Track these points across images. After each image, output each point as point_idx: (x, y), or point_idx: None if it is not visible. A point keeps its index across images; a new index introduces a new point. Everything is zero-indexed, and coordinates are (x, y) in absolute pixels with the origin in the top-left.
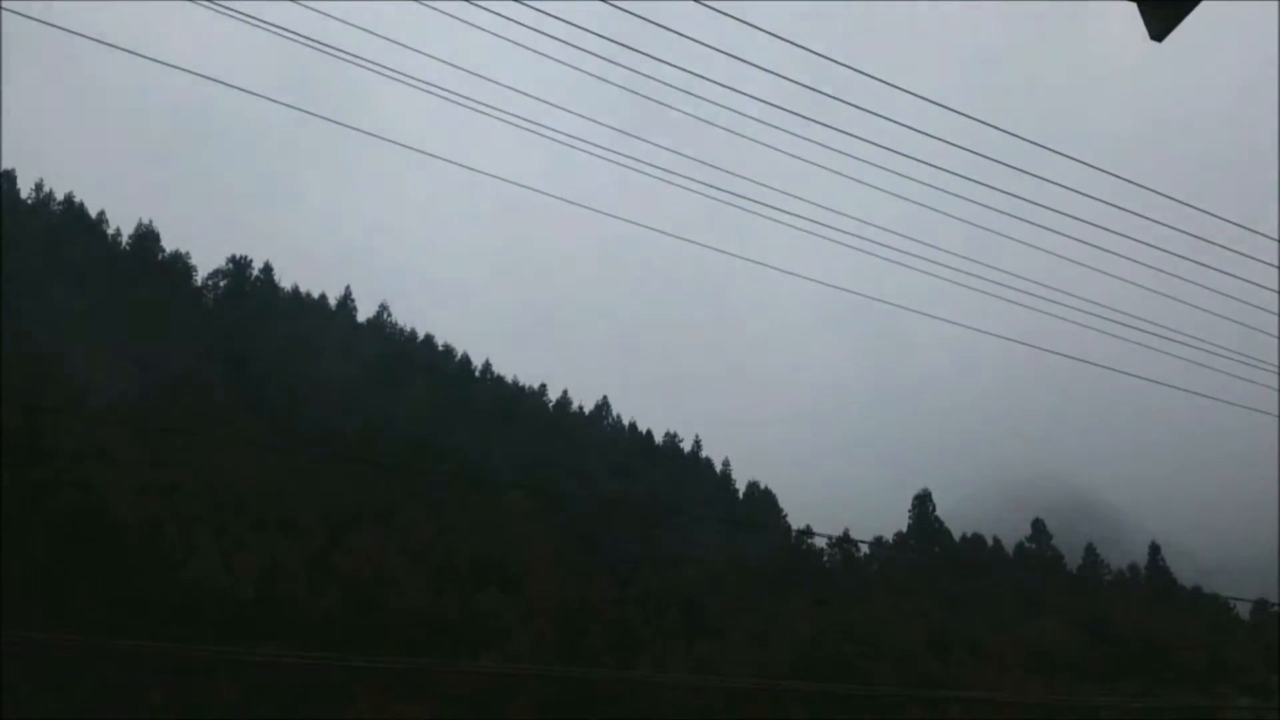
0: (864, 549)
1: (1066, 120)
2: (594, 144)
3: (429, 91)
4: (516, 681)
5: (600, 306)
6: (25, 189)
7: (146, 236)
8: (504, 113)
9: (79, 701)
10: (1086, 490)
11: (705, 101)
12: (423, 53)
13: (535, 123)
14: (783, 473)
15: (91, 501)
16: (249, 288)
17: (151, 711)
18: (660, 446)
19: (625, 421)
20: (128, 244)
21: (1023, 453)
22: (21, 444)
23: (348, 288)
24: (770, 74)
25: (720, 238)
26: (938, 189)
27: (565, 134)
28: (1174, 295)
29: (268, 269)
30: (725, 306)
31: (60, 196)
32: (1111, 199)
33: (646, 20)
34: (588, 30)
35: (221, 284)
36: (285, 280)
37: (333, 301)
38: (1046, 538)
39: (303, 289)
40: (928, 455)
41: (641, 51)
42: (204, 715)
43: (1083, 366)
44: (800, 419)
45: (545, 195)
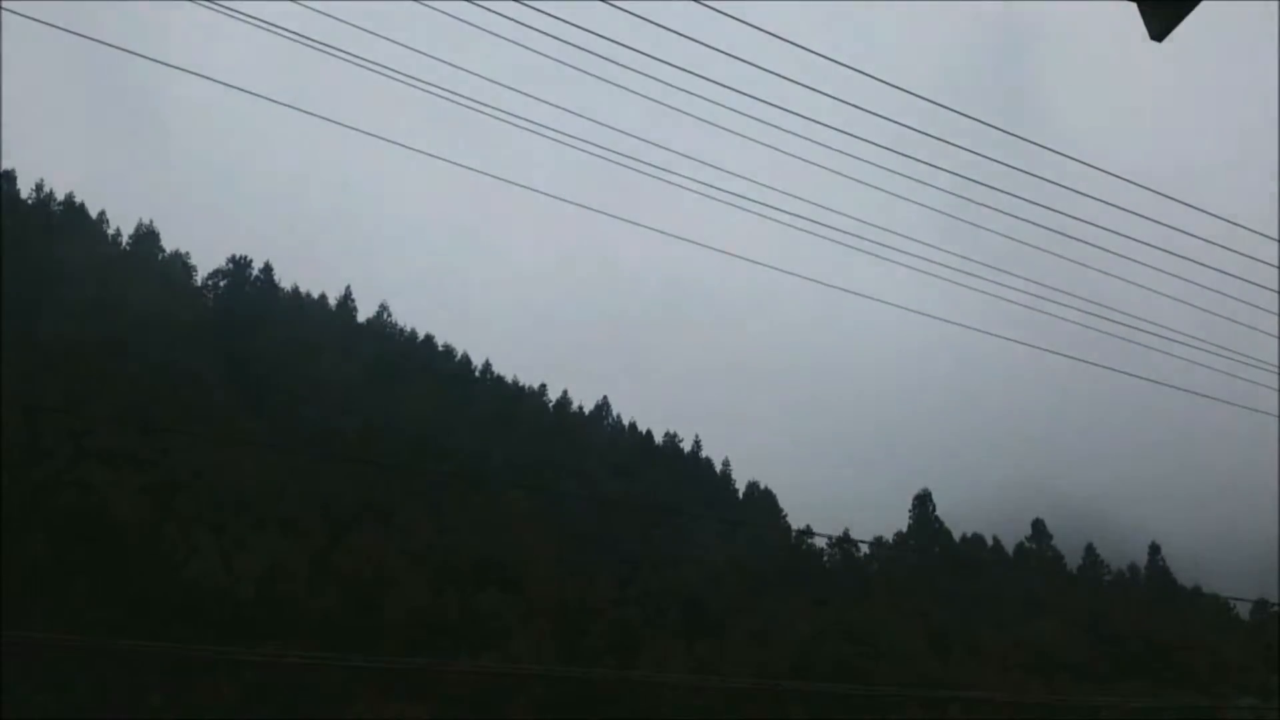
0: (864, 549)
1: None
2: (593, 144)
3: (428, 91)
4: (516, 681)
5: (599, 306)
6: (25, 189)
7: (146, 236)
8: (503, 112)
9: (79, 701)
10: (1086, 490)
11: (705, 101)
12: (421, 52)
13: (534, 122)
14: (783, 473)
15: (91, 501)
16: (249, 288)
17: (151, 711)
18: (660, 446)
19: (625, 421)
20: (128, 244)
21: (1023, 453)
22: (21, 444)
23: (348, 288)
24: (770, 74)
25: (719, 238)
26: (937, 189)
27: (564, 133)
28: (1174, 295)
29: (268, 269)
30: (724, 306)
31: (60, 196)
32: (1111, 199)
33: (645, 20)
34: (586, 29)
35: (221, 284)
36: (285, 280)
37: (333, 301)
38: (1046, 538)
39: (303, 289)
40: (928, 455)
41: (640, 51)
42: (204, 715)
43: (1083, 366)
44: (800, 419)
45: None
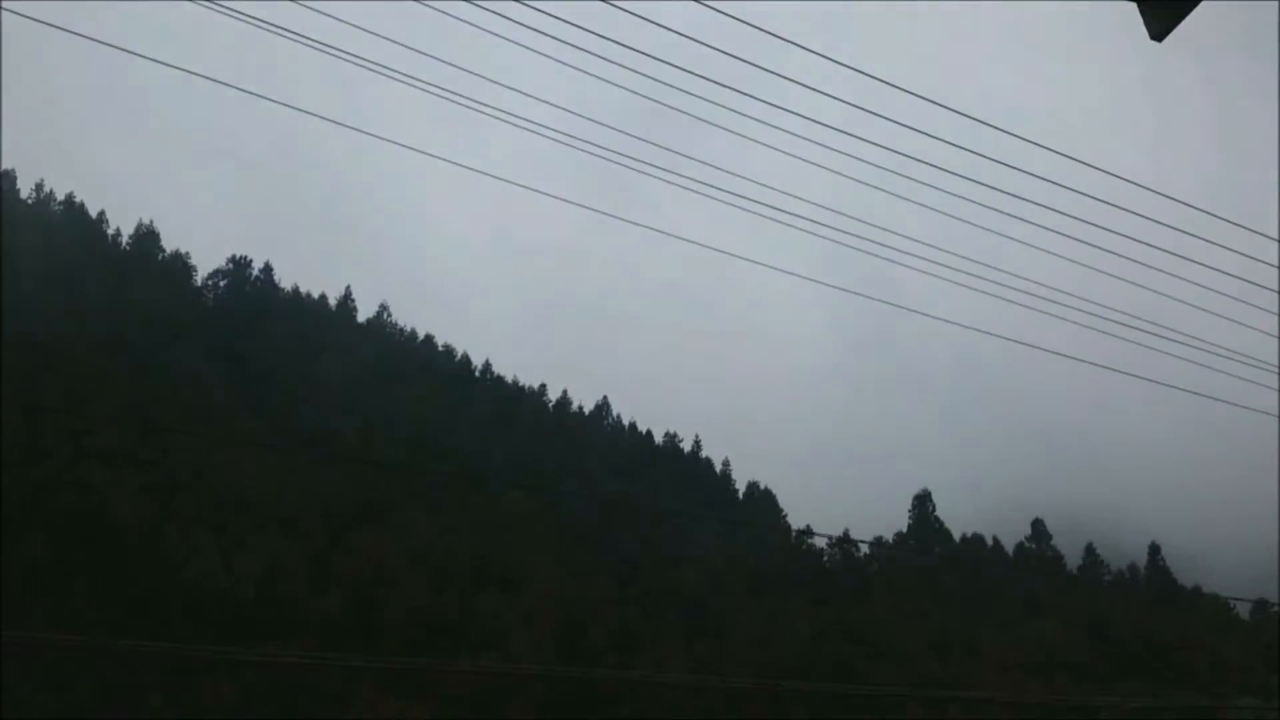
0: (864, 549)
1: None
2: (592, 143)
3: (427, 90)
4: (516, 681)
5: (600, 305)
6: (25, 189)
7: (146, 236)
8: (502, 111)
9: (79, 701)
10: (1086, 490)
11: (703, 100)
12: (419, 50)
13: (533, 121)
14: (783, 473)
15: (91, 501)
16: (249, 288)
17: (151, 711)
18: (660, 447)
19: (625, 422)
20: (128, 244)
21: (1023, 453)
22: (21, 444)
23: (348, 288)
24: (769, 73)
25: (719, 237)
26: (936, 188)
27: (562, 133)
28: (1174, 295)
29: (268, 269)
30: (725, 306)
31: (60, 196)
32: (1111, 199)
33: (644, 19)
34: (585, 29)
35: (221, 284)
36: (285, 280)
37: (333, 301)
38: (1046, 538)
39: (303, 289)
40: (928, 455)
41: (638, 50)
42: (204, 715)
43: (1083, 366)
44: (800, 419)
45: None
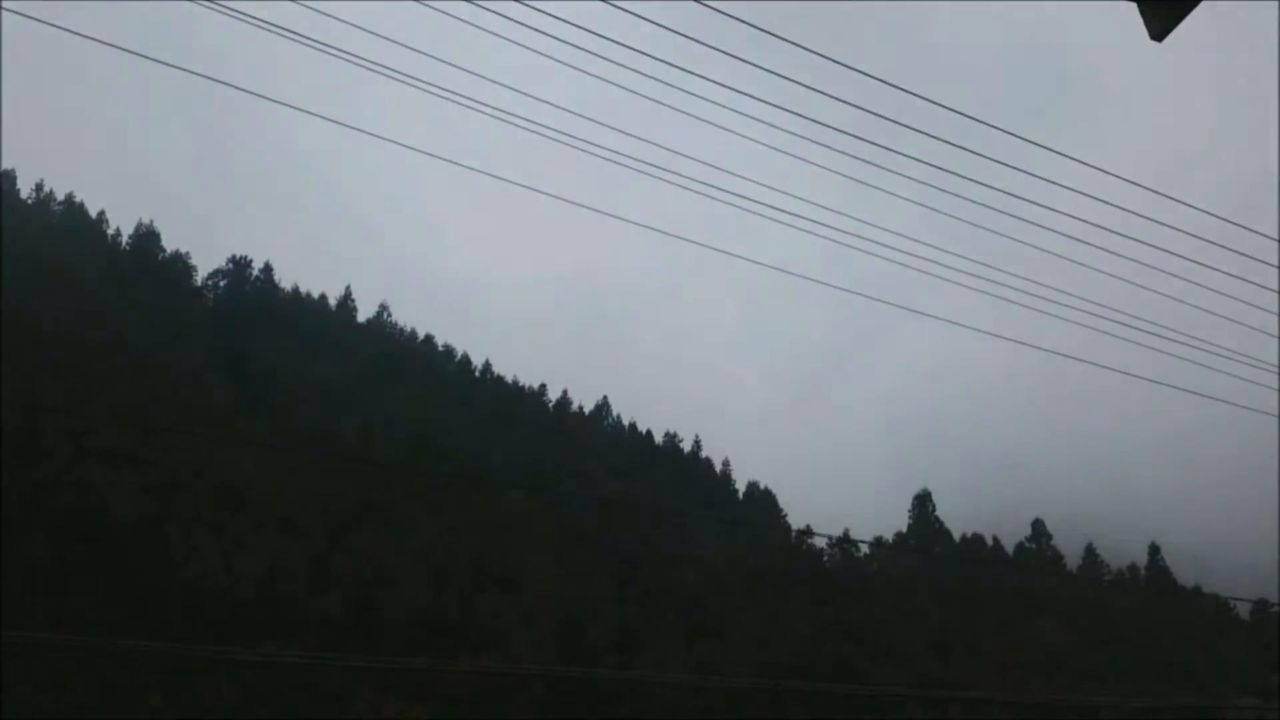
0: (864, 549)
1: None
2: (591, 142)
3: (426, 90)
4: (516, 681)
5: (599, 305)
6: (25, 189)
7: (146, 236)
8: (501, 111)
9: (79, 701)
10: (1087, 490)
11: (704, 101)
12: (418, 50)
13: (532, 121)
14: (783, 473)
15: (91, 501)
16: (249, 288)
17: (151, 711)
18: (660, 446)
19: (625, 422)
20: (128, 244)
21: (1023, 453)
22: (21, 444)
23: (348, 288)
24: (769, 72)
25: (718, 237)
26: (936, 188)
27: (562, 131)
28: (1174, 295)
29: (268, 269)
30: (724, 305)
31: (60, 196)
32: (1111, 199)
33: (642, 18)
34: (584, 29)
35: (221, 284)
36: (285, 280)
37: (333, 301)
38: (1046, 538)
39: (303, 289)
40: (928, 455)
41: (639, 50)
42: (204, 715)
43: (1083, 366)
44: (801, 419)
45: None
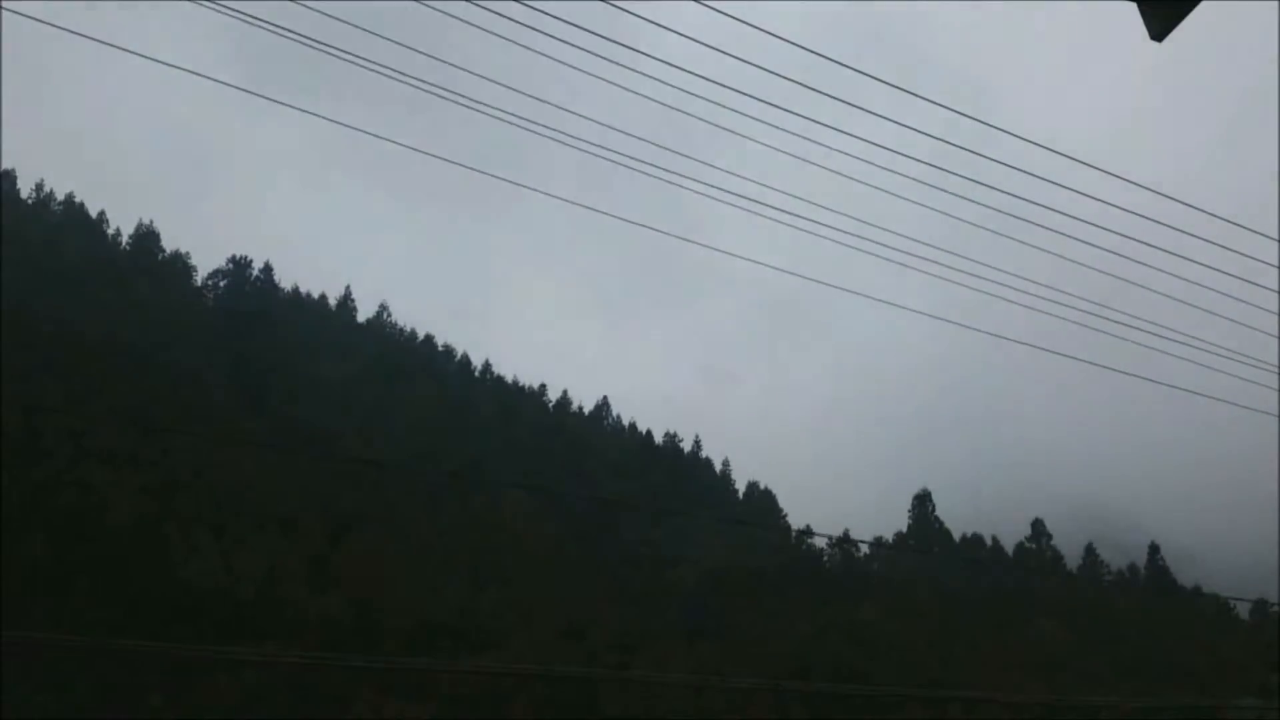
0: (864, 549)
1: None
2: (591, 142)
3: (428, 91)
4: (516, 681)
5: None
6: (25, 189)
7: (146, 236)
8: (501, 111)
9: (79, 701)
10: (1086, 490)
11: (703, 100)
12: (417, 50)
13: (532, 121)
14: (783, 473)
15: (91, 501)
16: (249, 288)
17: (151, 711)
18: (660, 446)
19: (625, 421)
20: (128, 244)
21: (1023, 453)
22: (21, 444)
23: (348, 287)
24: (768, 72)
25: (717, 237)
26: (933, 187)
27: (560, 131)
28: (1174, 295)
29: (268, 269)
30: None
31: (60, 196)
32: (1111, 198)
33: (640, 17)
34: (584, 29)
35: (221, 284)
36: (285, 280)
37: (333, 301)
38: (1046, 538)
39: (303, 289)
40: (927, 455)
41: (638, 49)
42: (204, 715)
43: (1083, 366)
44: (800, 419)
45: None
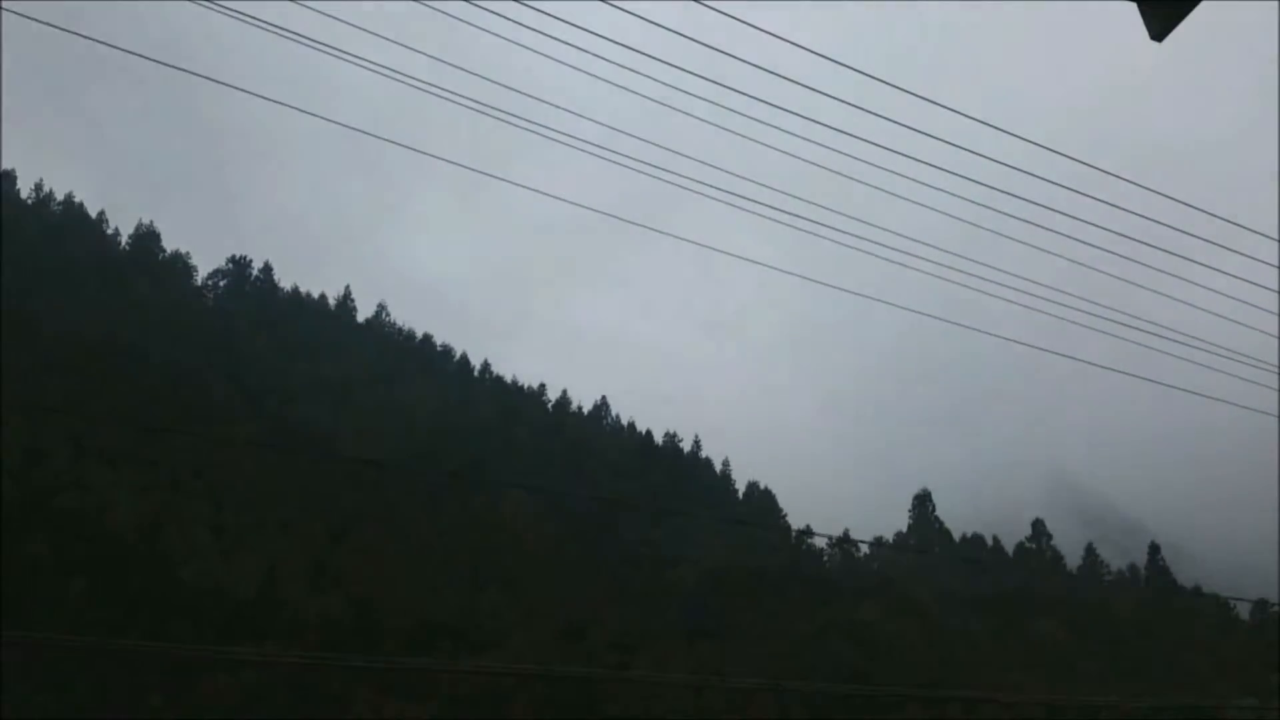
0: (864, 549)
1: (1065, 119)
2: (591, 143)
3: (428, 91)
4: (516, 681)
5: (597, 305)
6: (25, 189)
7: (146, 236)
8: (501, 112)
9: (79, 701)
10: (1087, 490)
11: (702, 100)
12: (416, 50)
13: (532, 121)
14: (783, 473)
15: (91, 502)
16: (249, 288)
17: (151, 711)
18: (660, 446)
19: (625, 421)
20: (128, 244)
21: (1023, 453)
22: (21, 444)
23: (347, 287)
24: (769, 72)
25: (718, 237)
26: (936, 189)
27: (561, 132)
28: (1174, 295)
29: (268, 269)
30: (724, 305)
31: (60, 196)
32: (1111, 199)
33: (642, 18)
34: (584, 29)
35: (221, 284)
36: (285, 280)
37: (332, 301)
38: (1046, 538)
39: (303, 289)
40: (928, 455)
41: (636, 49)
42: (204, 715)
43: (1083, 366)
44: (800, 419)
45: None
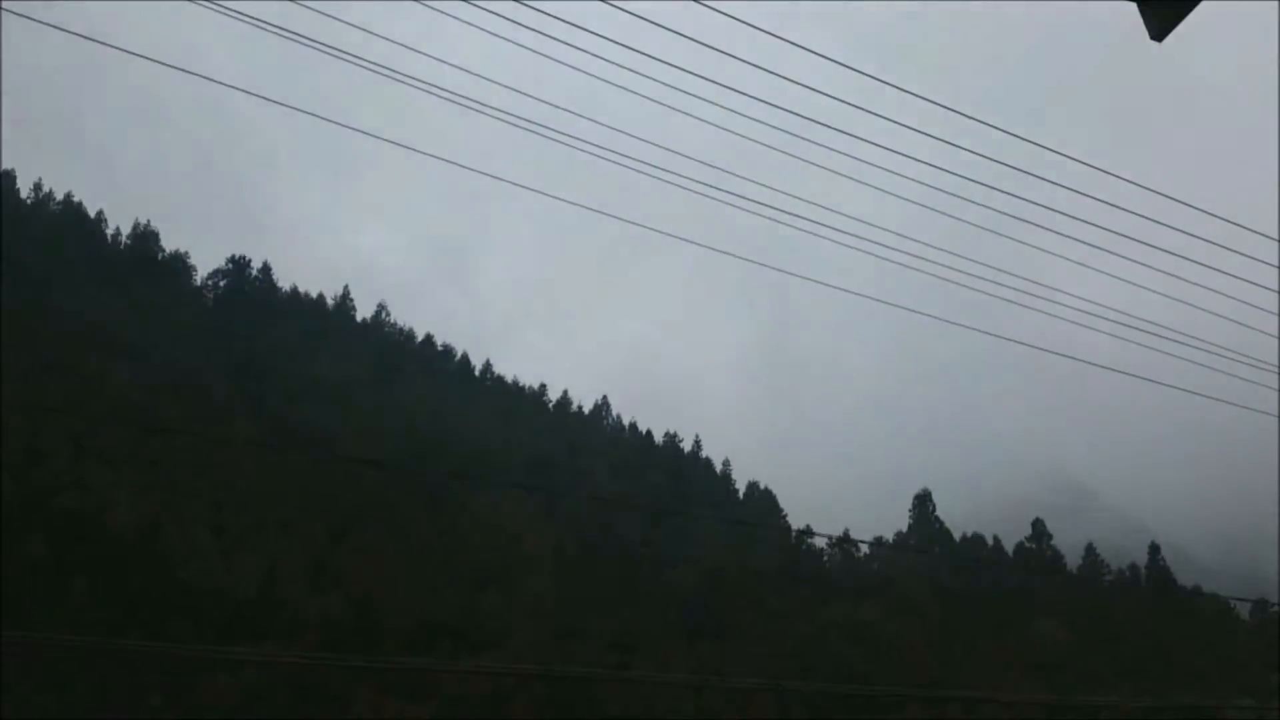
0: (864, 549)
1: (1065, 119)
2: (593, 143)
3: (428, 91)
4: (516, 681)
5: (597, 302)
6: (25, 189)
7: (146, 236)
8: (502, 112)
9: (79, 701)
10: (1087, 490)
11: (701, 100)
12: (416, 49)
13: (534, 122)
14: (783, 473)
15: (90, 501)
16: (249, 288)
17: (151, 711)
18: (660, 446)
19: (625, 421)
20: (127, 244)
21: (1023, 452)
22: (21, 444)
23: (346, 287)
24: (767, 72)
25: (718, 237)
26: (936, 188)
27: (562, 132)
28: (1174, 295)
29: (267, 269)
30: (724, 306)
31: (60, 196)
32: (1111, 199)
33: (645, 20)
34: (583, 28)
35: (221, 284)
36: (285, 280)
37: (332, 301)
38: (1046, 538)
39: (302, 289)
40: (928, 455)
41: (635, 49)
42: (204, 715)
43: (1083, 366)
44: (801, 419)
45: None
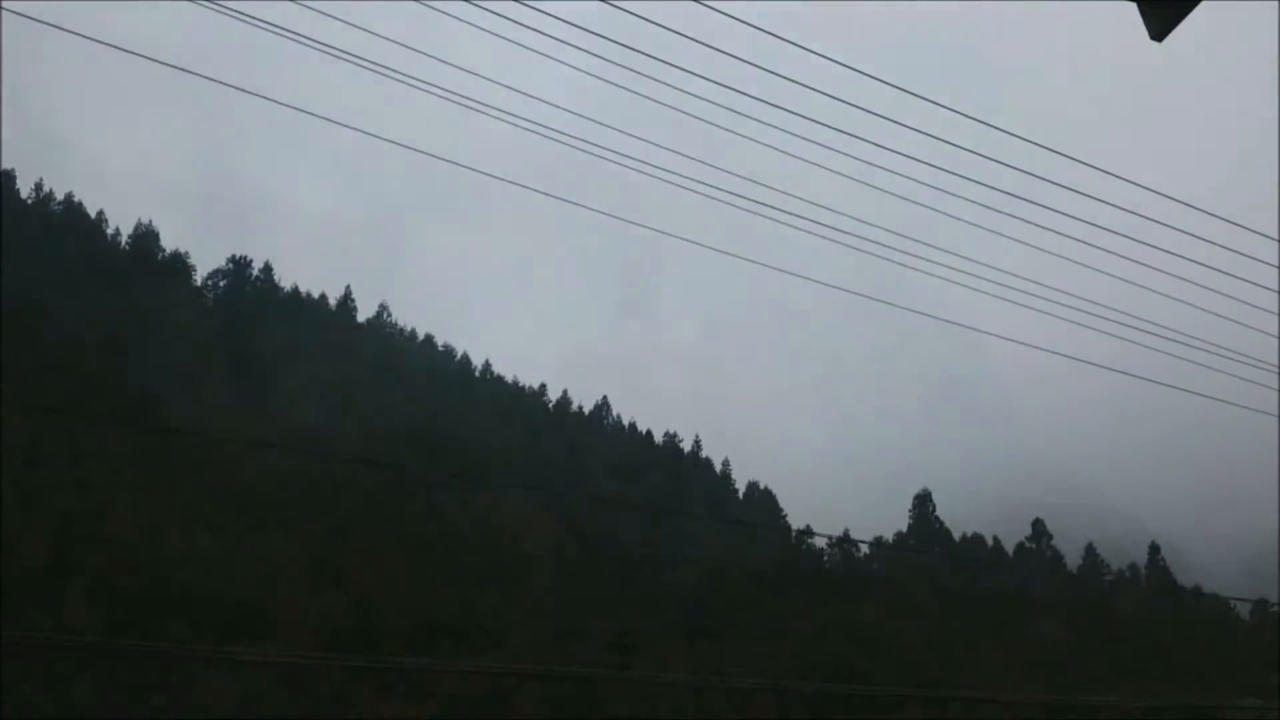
0: (864, 549)
1: (1064, 119)
2: (593, 144)
3: (427, 91)
4: (516, 681)
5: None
6: (25, 189)
7: (146, 236)
8: (503, 112)
9: (79, 701)
10: (1086, 490)
11: (701, 100)
12: (419, 50)
13: (535, 122)
14: (783, 473)
15: (90, 501)
16: (249, 288)
17: (151, 711)
18: (660, 446)
19: (625, 421)
20: (127, 244)
21: (1023, 452)
22: (21, 444)
23: (347, 287)
24: (767, 72)
25: (718, 237)
26: (934, 188)
27: (563, 133)
28: (1174, 295)
29: (268, 269)
30: (723, 306)
31: (60, 196)
32: (1111, 199)
33: (646, 19)
34: (589, 30)
35: (221, 284)
36: (285, 280)
37: (333, 301)
38: (1046, 538)
39: (303, 289)
40: (928, 455)
41: (634, 48)
42: (204, 715)
43: (1082, 366)
44: (801, 419)
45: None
